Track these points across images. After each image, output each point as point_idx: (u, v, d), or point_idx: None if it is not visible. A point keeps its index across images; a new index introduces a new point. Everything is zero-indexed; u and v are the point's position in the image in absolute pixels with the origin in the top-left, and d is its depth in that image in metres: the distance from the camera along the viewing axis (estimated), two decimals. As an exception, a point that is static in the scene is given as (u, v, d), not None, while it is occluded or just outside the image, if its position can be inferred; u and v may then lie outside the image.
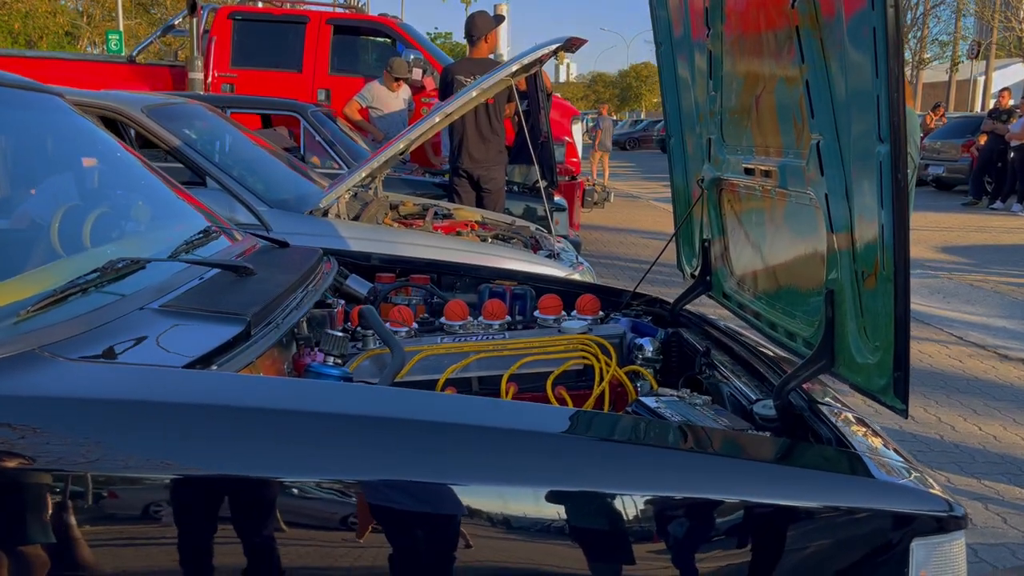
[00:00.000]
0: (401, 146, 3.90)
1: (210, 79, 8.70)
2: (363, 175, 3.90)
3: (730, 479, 1.35)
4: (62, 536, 1.17)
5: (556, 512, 1.26)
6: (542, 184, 4.85)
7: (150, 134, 3.83)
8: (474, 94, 3.87)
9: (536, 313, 2.39)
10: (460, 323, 2.27)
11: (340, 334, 1.85)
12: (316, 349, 1.86)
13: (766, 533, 1.32)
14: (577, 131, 9.14)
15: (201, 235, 2.12)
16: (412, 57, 8.52)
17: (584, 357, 2.14)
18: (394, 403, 1.38)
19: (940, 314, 6.84)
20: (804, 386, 1.84)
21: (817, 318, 1.83)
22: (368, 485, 1.23)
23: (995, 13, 31.75)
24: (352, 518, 1.22)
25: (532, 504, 1.26)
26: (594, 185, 10.32)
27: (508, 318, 2.37)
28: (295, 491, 1.22)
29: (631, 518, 1.28)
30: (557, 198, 6.85)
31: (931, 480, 1.48)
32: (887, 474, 1.47)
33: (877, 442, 1.64)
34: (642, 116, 46.72)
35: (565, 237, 5.61)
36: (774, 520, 1.33)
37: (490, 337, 2.20)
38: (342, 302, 2.24)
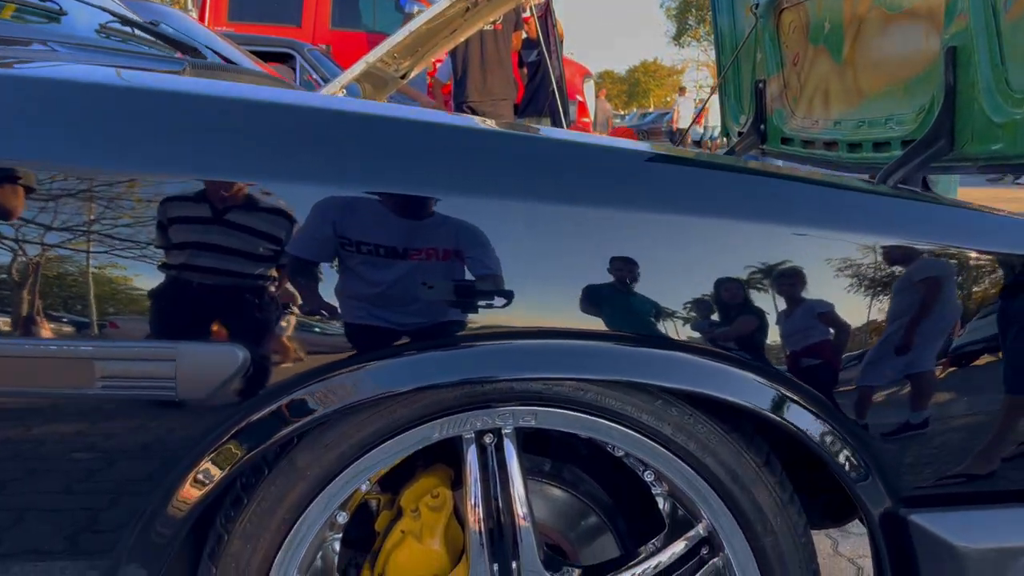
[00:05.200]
0: (407, 33, 3.50)
1: (205, 34, 8.34)
2: (363, 68, 3.51)
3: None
4: None
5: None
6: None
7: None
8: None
9: None
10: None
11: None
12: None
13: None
14: (589, 90, 8.76)
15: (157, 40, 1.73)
16: (416, 10, 8.14)
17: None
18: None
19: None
20: None
21: (921, 105, 1.46)
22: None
23: None
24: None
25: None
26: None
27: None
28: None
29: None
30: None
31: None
32: None
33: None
34: (650, 110, 46.25)
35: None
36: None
37: None
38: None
